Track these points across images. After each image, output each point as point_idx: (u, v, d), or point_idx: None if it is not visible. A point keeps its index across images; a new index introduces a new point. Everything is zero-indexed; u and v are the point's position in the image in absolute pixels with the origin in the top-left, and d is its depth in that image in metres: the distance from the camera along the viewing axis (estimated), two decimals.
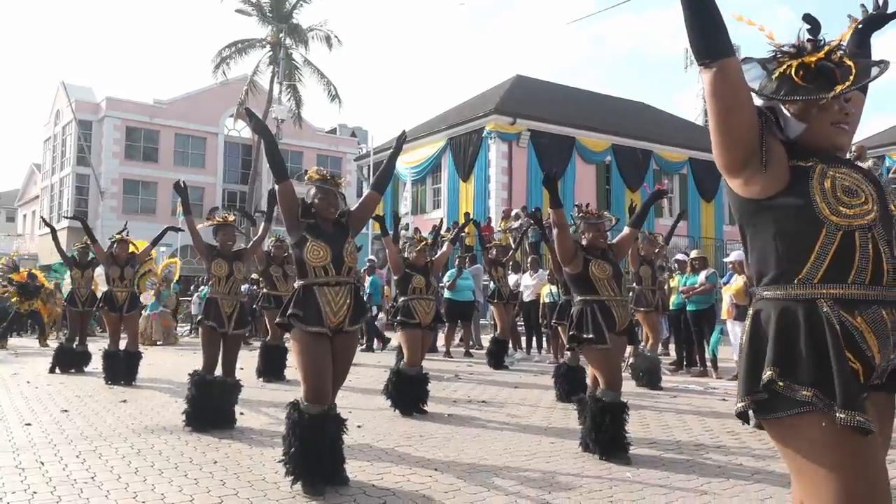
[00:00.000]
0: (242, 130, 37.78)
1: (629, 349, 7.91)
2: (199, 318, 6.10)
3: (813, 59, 1.80)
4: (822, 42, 1.83)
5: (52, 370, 9.45)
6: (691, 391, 8.23)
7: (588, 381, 5.69)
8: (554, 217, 4.87)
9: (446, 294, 11.79)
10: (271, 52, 28.76)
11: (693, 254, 10.52)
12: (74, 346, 9.68)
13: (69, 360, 9.57)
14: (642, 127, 25.20)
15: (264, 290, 9.42)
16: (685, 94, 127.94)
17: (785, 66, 1.83)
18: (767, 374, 1.70)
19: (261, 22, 29.04)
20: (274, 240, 9.60)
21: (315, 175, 4.34)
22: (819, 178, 1.75)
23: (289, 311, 4.03)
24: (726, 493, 3.99)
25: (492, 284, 11.12)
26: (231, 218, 6.52)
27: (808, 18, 1.86)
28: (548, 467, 4.56)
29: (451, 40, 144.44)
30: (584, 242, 5.06)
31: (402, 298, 6.94)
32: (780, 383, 1.68)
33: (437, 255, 7.57)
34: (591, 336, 4.77)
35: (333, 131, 42.83)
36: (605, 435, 4.70)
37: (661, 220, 22.99)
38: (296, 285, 4.18)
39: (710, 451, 5.05)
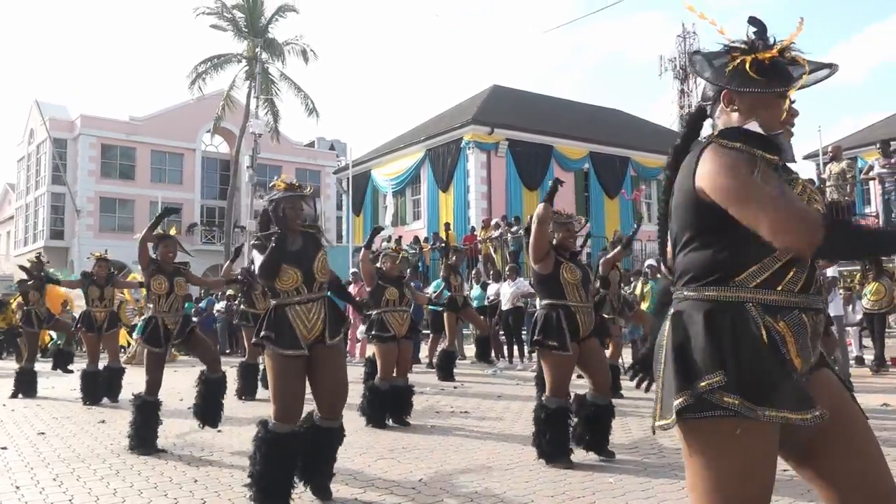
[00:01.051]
0: (220, 146, 37.62)
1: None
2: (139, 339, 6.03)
3: (767, 55, 1.80)
4: (773, 41, 1.84)
5: (13, 395, 9.15)
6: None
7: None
8: (540, 210, 4.83)
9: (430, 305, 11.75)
10: (247, 67, 28.70)
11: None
12: (28, 365, 9.50)
13: (33, 384, 9.39)
14: (619, 134, 25.40)
15: (242, 307, 9.32)
16: (660, 100, 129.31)
17: (738, 60, 1.82)
18: (715, 379, 1.68)
19: (236, 37, 28.99)
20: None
21: (281, 185, 4.23)
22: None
23: (262, 333, 3.97)
24: None
25: (445, 292, 10.70)
26: (173, 231, 6.36)
27: (753, 21, 1.88)
28: (531, 475, 4.56)
29: (427, 51, 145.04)
30: (553, 242, 5.05)
31: (376, 311, 6.91)
32: (713, 389, 1.67)
33: (418, 295, 7.69)
34: (553, 343, 4.77)
35: (312, 145, 42.76)
36: (549, 441, 4.73)
37: (644, 226, 23.14)
38: (268, 304, 4.15)
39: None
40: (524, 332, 11.91)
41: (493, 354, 12.09)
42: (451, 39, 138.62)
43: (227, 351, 16.97)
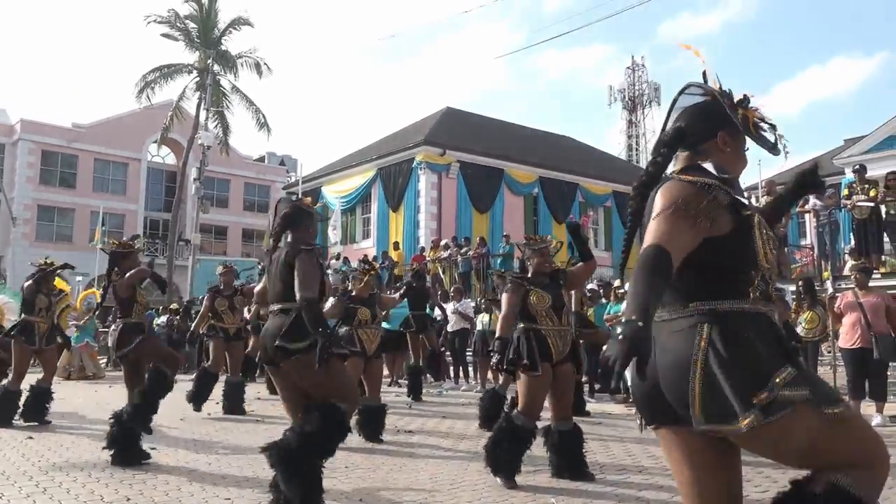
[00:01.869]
0: (167, 157, 36.88)
1: None
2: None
3: (758, 114, 2.10)
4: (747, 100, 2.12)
5: None
6: (615, 416, 8.38)
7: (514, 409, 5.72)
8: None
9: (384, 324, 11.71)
10: (198, 78, 28.30)
11: (617, 283, 10.77)
12: None
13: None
14: (568, 160, 25.86)
15: (211, 321, 9.02)
16: (610, 129, 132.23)
17: (748, 112, 2.09)
18: (787, 372, 1.82)
19: (188, 47, 28.60)
20: (221, 268, 9.34)
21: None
22: (758, 227, 2.00)
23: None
24: None
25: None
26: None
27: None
28: (473, 496, 4.54)
29: (381, 71, 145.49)
30: (530, 270, 5.13)
31: (346, 328, 6.84)
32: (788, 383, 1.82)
33: (387, 299, 7.77)
34: (525, 362, 4.81)
35: (262, 159, 42.30)
36: (502, 452, 4.74)
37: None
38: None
39: (632, 475, 5.12)
40: (469, 353, 11.95)
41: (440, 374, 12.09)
42: (406, 60, 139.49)
43: (186, 365, 16.49)
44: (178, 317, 17.00)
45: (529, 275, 5.14)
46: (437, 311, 11.65)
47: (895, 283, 10.53)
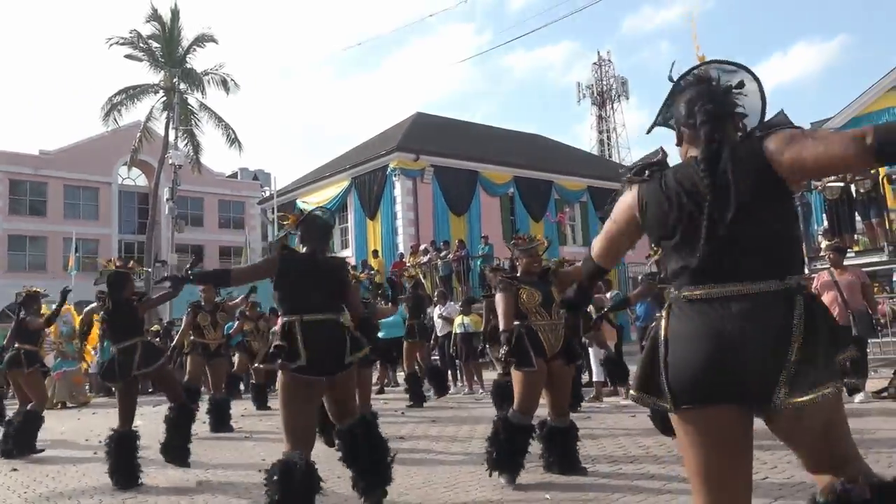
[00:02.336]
0: (138, 178, 36.49)
1: None
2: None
3: None
4: None
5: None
6: (604, 410, 8.42)
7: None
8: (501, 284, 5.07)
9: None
10: (165, 98, 28.06)
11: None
12: None
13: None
14: (542, 158, 25.99)
15: (192, 337, 8.94)
16: (580, 125, 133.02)
17: None
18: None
19: (152, 67, 28.34)
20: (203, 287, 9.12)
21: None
22: None
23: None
24: None
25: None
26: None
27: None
28: (467, 497, 4.54)
29: (350, 80, 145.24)
30: (519, 270, 5.17)
31: None
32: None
33: (381, 310, 7.77)
34: (516, 360, 4.83)
35: (235, 175, 42.02)
36: (501, 451, 4.73)
37: (566, 247, 23.67)
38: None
39: (624, 468, 5.15)
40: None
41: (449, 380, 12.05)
42: (373, 68, 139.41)
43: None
44: (158, 338, 16.82)
45: (518, 274, 5.16)
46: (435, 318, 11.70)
47: (869, 261, 10.72)
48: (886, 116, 20.36)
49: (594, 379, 9.61)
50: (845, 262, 8.33)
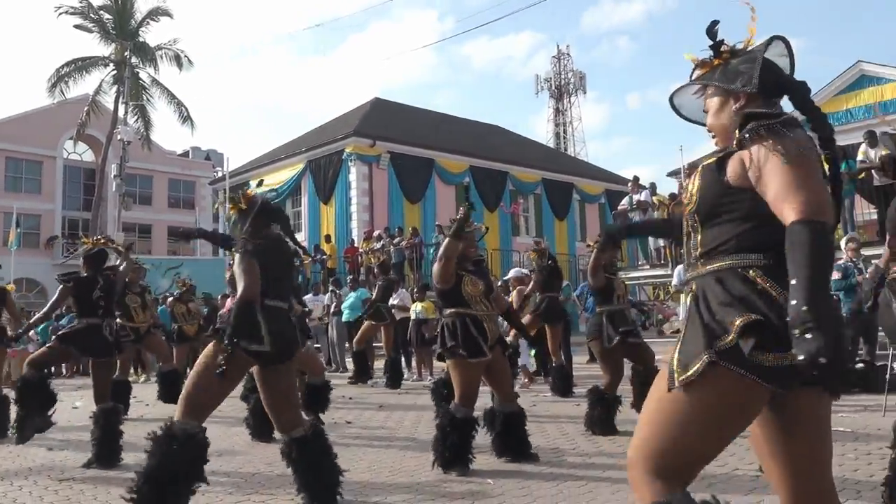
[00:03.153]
0: (84, 154, 35.42)
1: None
2: None
3: None
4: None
5: None
6: (548, 399, 8.55)
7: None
8: (448, 246, 4.82)
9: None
10: (116, 71, 27.27)
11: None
12: None
13: None
14: (498, 149, 26.09)
15: (120, 321, 8.62)
16: (538, 117, 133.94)
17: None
18: None
19: (103, 39, 27.49)
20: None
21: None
22: None
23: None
24: (583, 495, 4.17)
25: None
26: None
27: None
28: (412, 480, 4.58)
29: (309, 62, 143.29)
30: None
31: None
32: None
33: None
34: (463, 352, 4.74)
35: (186, 154, 41.12)
36: (450, 448, 4.71)
37: (519, 238, 23.88)
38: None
39: (567, 455, 5.25)
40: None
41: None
42: (332, 50, 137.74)
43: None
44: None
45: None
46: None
47: None
48: (832, 120, 21.07)
49: (520, 363, 9.69)
50: None
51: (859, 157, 10.94)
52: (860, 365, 8.14)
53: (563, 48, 57.61)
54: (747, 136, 1.79)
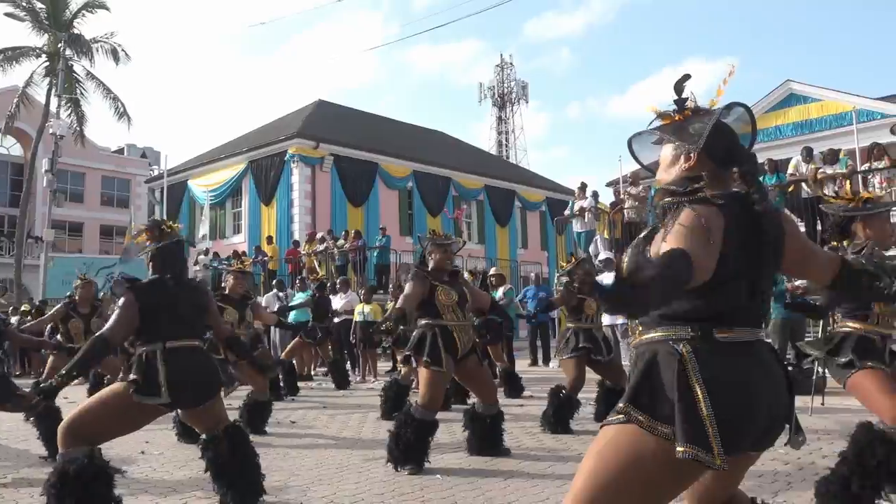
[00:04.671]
0: (12, 147, 33.98)
1: None
2: None
3: None
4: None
5: None
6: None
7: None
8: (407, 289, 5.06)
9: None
10: (48, 63, 26.25)
11: (492, 271, 11.13)
12: None
13: None
14: (442, 155, 26.23)
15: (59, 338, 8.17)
16: (480, 124, 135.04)
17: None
18: None
19: (35, 29, 26.44)
20: (80, 281, 8.05)
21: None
22: None
23: None
24: (530, 488, 4.26)
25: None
26: None
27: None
28: (360, 477, 4.59)
29: (251, 60, 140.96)
30: (431, 264, 5.12)
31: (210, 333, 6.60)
32: None
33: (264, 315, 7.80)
34: (426, 359, 4.83)
35: (121, 151, 39.89)
36: (406, 447, 4.72)
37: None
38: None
39: (515, 452, 5.32)
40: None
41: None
42: (275, 50, 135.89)
43: (18, 372, 15.33)
44: (29, 317, 15.80)
45: (430, 269, 5.13)
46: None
47: None
48: (761, 137, 21.96)
49: None
50: None
51: (790, 170, 11.44)
52: (788, 369, 8.53)
53: (506, 57, 58.28)
54: (659, 210, 1.88)
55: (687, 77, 2.01)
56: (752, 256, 1.84)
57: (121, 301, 3.68)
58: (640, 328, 1.96)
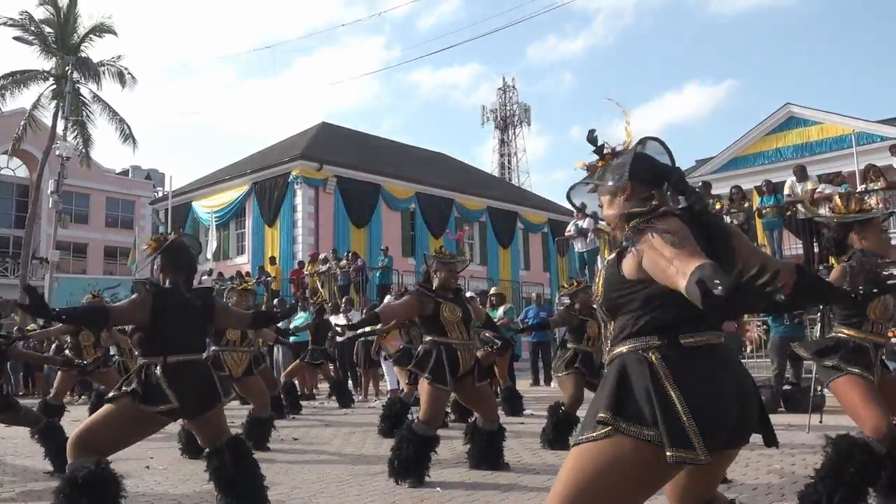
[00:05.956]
0: (18, 169, 34.29)
1: None
2: None
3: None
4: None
5: None
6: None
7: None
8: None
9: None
10: (55, 86, 26.60)
11: (492, 290, 11.22)
12: None
13: None
14: (444, 176, 26.44)
15: (67, 352, 8.26)
16: (482, 147, 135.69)
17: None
18: None
19: (43, 53, 26.81)
20: (90, 297, 8.07)
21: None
22: None
23: None
24: (527, 502, 4.33)
25: None
26: None
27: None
28: (361, 490, 4.66)
29: (255, 83, 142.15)
30: (435, 282, 5.20)
31: (214, 348, 6.69)
32: None
33: (265, 332, 7.96)
34: (428, 376, 4.93)
35: (126, 173, 40.17)
36: (406, 461, 4.79)
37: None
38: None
39: (514, 467, 5.38)
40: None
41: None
42: (279, 73, 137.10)
43: (21, 392, 15.40)
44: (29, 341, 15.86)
45: (434, 287, 5.21)
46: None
47: None
48: (762, 159, 22.14)
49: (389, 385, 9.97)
50: None
51: (786, 191, 11.55)
52: (787, 387, 8.59)
53: (508, 80, 58.76)
54: (630, 234, 2.00)
55: (593, 131, 2.27)
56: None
57: (136, 295, 3.78)
58: (610, 344, 2.08)
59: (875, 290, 3.31)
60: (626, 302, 2.02)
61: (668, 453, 1.82)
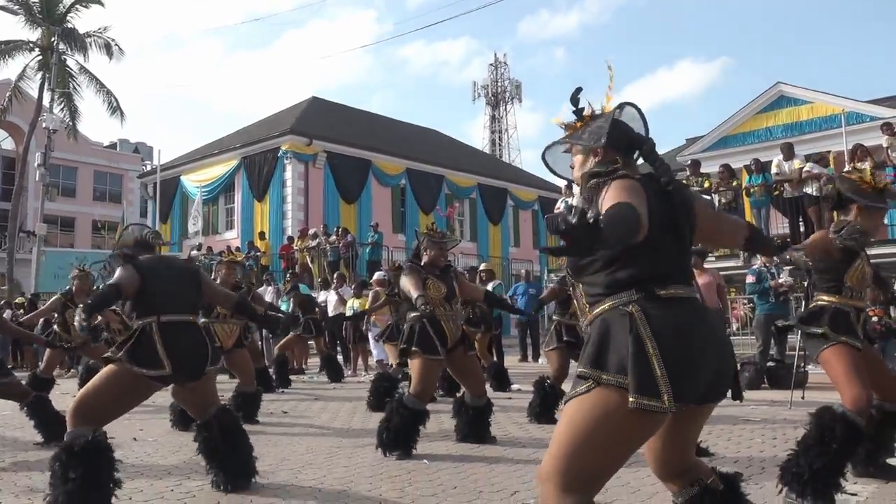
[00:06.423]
0: (4, 141, 33.90)
1: None
2: None
3: None
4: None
5: None
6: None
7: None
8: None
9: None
10: (41, 57, 26.23)
11: (482, 266, 11.26)
12: None
13: None
14: (435, 153, 26.35)
15: (55, 328, 8.27)
16: (473, 123, 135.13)
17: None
18: None
19: (29, 23, 26.39)
20: (77, 271, 8.06)
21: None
22: None
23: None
24: (513, 472, 4.40)
25: None
26: None
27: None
28: (349, 461, 4.72)
29: (245, 56, 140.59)
30: (424, 259, 5.25)
31: (204, 320, 6.71)
32: None
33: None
34: (417, 348, 4.99)
35: (114, 146, 39.82)
36: (395, 434, 4.86)
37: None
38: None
39: (500, 440, 5.46)
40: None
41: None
42: (269, 46, 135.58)
43: (11, 366, 15.37)
44: (22, 310, 15.85)
45: (423, 263, 5.25)
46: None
47: (727, 265, 11.71)
48: (752, 138, 22.16)
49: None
50: (705, 265, 9.09)
51: (773, 169, 11.60)
52: (771, 364, 8.71)
53: (500, 56, 58.41)
54: (587, 194, 2.07)
55: (579, 90, 2.29)
56: (670, 224, 2.04)
57: (121, 268, 3.82)
58: (589, 307, 2.12)
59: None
60: (588, 263, 2.07)
61: (630, 398, 1.87)
